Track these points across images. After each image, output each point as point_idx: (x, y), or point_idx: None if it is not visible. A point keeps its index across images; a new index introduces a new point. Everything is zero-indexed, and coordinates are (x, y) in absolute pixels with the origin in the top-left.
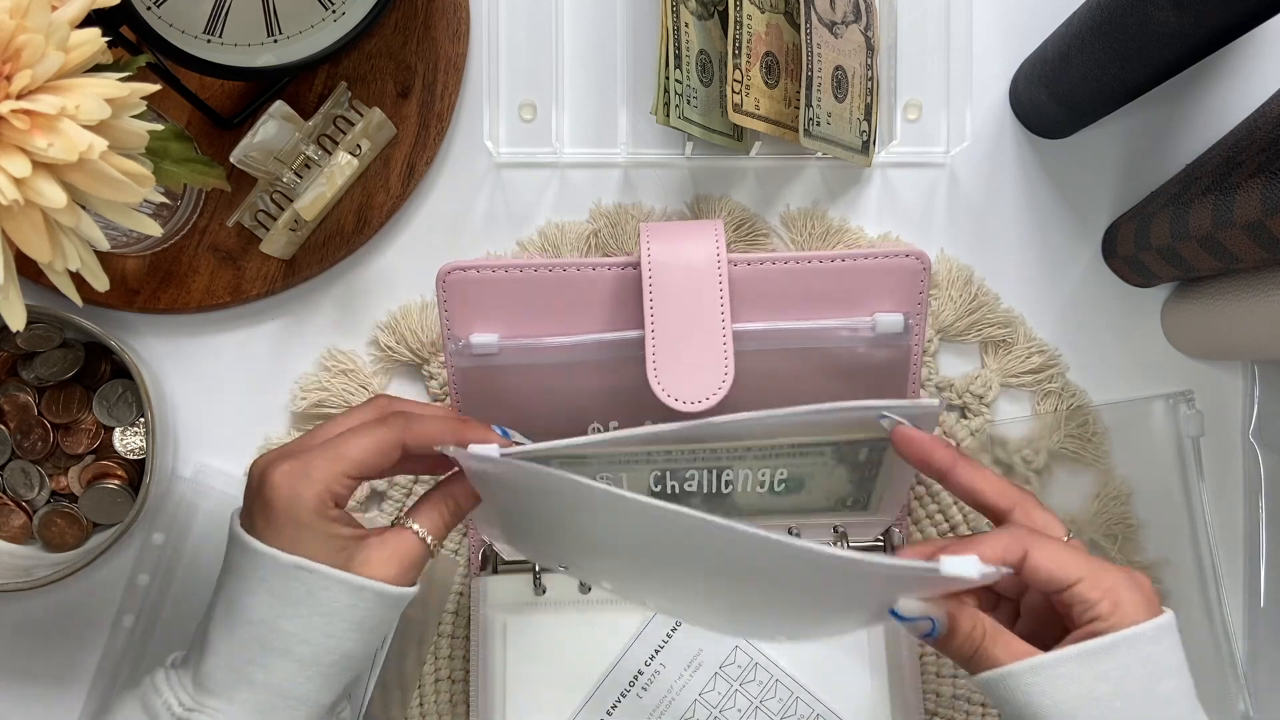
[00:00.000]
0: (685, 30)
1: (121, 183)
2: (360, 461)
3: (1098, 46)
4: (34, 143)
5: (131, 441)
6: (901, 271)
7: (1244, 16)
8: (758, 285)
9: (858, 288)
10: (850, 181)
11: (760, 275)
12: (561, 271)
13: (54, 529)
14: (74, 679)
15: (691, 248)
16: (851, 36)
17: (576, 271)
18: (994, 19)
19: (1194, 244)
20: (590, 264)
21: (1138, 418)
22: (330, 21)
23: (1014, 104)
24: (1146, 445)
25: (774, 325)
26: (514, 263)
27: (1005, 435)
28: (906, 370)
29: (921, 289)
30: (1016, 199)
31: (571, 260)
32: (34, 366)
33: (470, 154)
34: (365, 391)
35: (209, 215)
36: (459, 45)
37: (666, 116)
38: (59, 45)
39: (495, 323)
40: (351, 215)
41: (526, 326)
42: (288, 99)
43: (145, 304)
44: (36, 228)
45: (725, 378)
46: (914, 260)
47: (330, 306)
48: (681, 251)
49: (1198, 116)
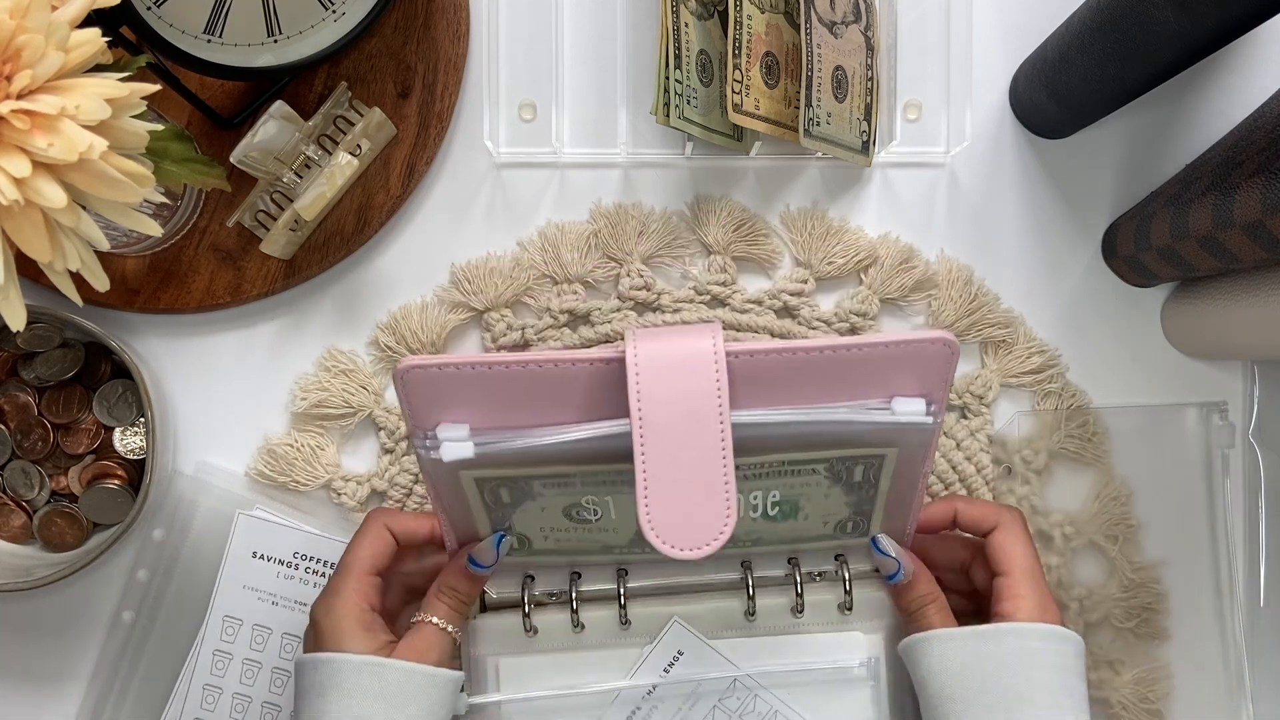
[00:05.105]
0: (685, 30)
1: (121, 183)
2: (365, 558)
3: (1098, 46)
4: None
5: (131, 441)
6: (926, 358)
7: (1244, 16)
8: (757, 373)
9: (874, 373)
10: (850, 181)
11: (761, 366)
12: (536, 367)
13: (54, 529)
14: (73, 679)
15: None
16: (851, 36)
17: (554, 367)
18: (994, 19)
19: (1194, 244)
20: (569, 359)
21: (1165, 423)
22: (330, 21)
23: (1014, 104)
24: (1170, 450)
25: (774, 416)
26: (480, 359)
27: (1005, 435)
28: (927, 448)
29: (947, 377)
30: (1016, 199)
31: (546, 355)
32: (34, 366)
33: (470, 154)
34: (365, 391)
35: (209, 215)
36: (459, 45)
37: (666, 116)
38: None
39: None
40: (351, 215)
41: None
42: (288, 99)
43: (145, 304)
44: (36, 228)
45: (727, 522)
46: (942, 347)
47: (330, 306)
48: (676, 382)
49: (1198, 116)
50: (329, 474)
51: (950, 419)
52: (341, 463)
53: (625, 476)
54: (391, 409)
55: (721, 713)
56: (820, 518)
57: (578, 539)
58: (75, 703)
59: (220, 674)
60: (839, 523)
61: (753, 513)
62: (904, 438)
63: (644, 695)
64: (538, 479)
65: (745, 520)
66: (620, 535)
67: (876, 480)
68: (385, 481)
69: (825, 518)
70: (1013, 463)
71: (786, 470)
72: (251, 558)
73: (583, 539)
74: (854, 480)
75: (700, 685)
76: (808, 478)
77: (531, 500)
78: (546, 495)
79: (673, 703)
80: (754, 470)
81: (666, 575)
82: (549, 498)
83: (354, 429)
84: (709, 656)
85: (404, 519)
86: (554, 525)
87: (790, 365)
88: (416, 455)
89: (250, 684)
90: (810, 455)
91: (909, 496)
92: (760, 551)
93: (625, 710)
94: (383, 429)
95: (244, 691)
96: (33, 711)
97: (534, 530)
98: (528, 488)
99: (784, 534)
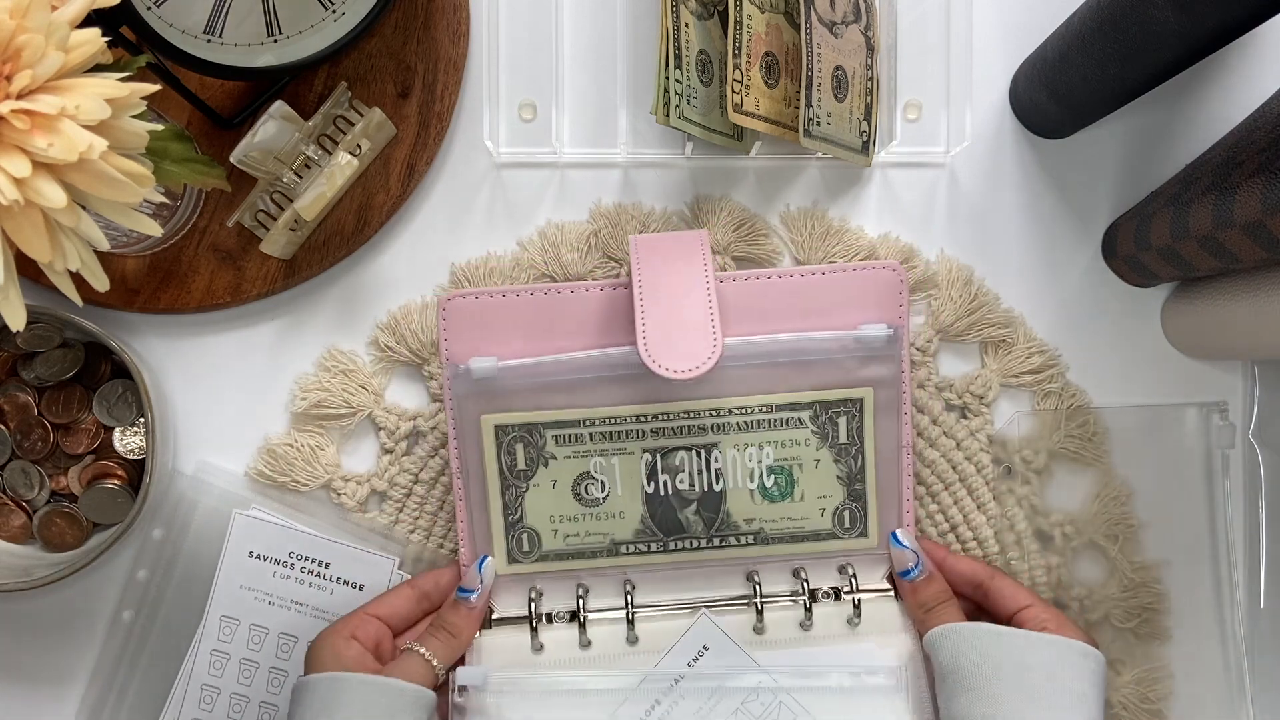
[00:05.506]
0: (685, 30)
1: (121, 183)
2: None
3: (1098, 46)
4: (34, 143)
5: (131, 441)
6: (880, 283)
7: (1244, 16)
8: (741, 300)
9: (842, 302)
10: (850, 181)
11: (743, 290)
12: (556, 295)
13: (54, 529)
14: (73, 679)
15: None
16: (851, 36)
17: (570, 294)
18: (994, 19)
19: (1194, 244)
20: (585, 285)
21: (1165, 423)
22: (330, 21)
23: (1014, 104)
24: (1169, 450)
25: (760, 337)
26: (509, 289)
27: (1005, 435)
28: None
29: (901, 299)
30: (1016, 199)
31: (566, 284)
32: (34, 366)
33: (470, 154)
34: (365, 391)
35: (209, 215)
36: (459, 45)
37: (666, 116)
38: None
39: (494, 348)
40: (351, 215)
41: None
42: (288, 99)
43: (145, 304)
44: (36, 228)
45: (714, 345)
46: (889, 272)
47: (330, 306)
48: (668, 250)
49: (1198, 116)
50: (329, 474)
51: (950, 419)
52: (341, 463)
53: (630, 425)
54: (391, 409)
55: (745, 716)
56: (816, 499)
57: (585, 532)
58: (75, 702)
59: (218, 674)
60: (836, 511)
61: (750, 482)
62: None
63: (668, 687)
64: (550, 429)
65: (743, 493)
66: (627, 523)
67: (861, 440)
68: (385, 482)
69: (821, 500)
70: (1013, 463)
71: (776, 422)
72: (248, 558)
73: (590, 532)
74: (840, 440)
75: (723, 683)
76: (796, 431)
77: (544, 467)
78: (558, 460)
79: (694, 700)
80: (746, 419)
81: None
82: (560, 464)
83: (354, 429)
84: (734, 654)
85: (381, 602)
86: (563, 512)
87: (766, 290)
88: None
89: (248, 684)
90: (795, 399)
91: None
92: (765, 557)
93: (647, 702)
94: (383, 429)
95: (242, 692)
96: (33, 711)
97: (544, 522)
98: (541, 443)
99: (784, 527)
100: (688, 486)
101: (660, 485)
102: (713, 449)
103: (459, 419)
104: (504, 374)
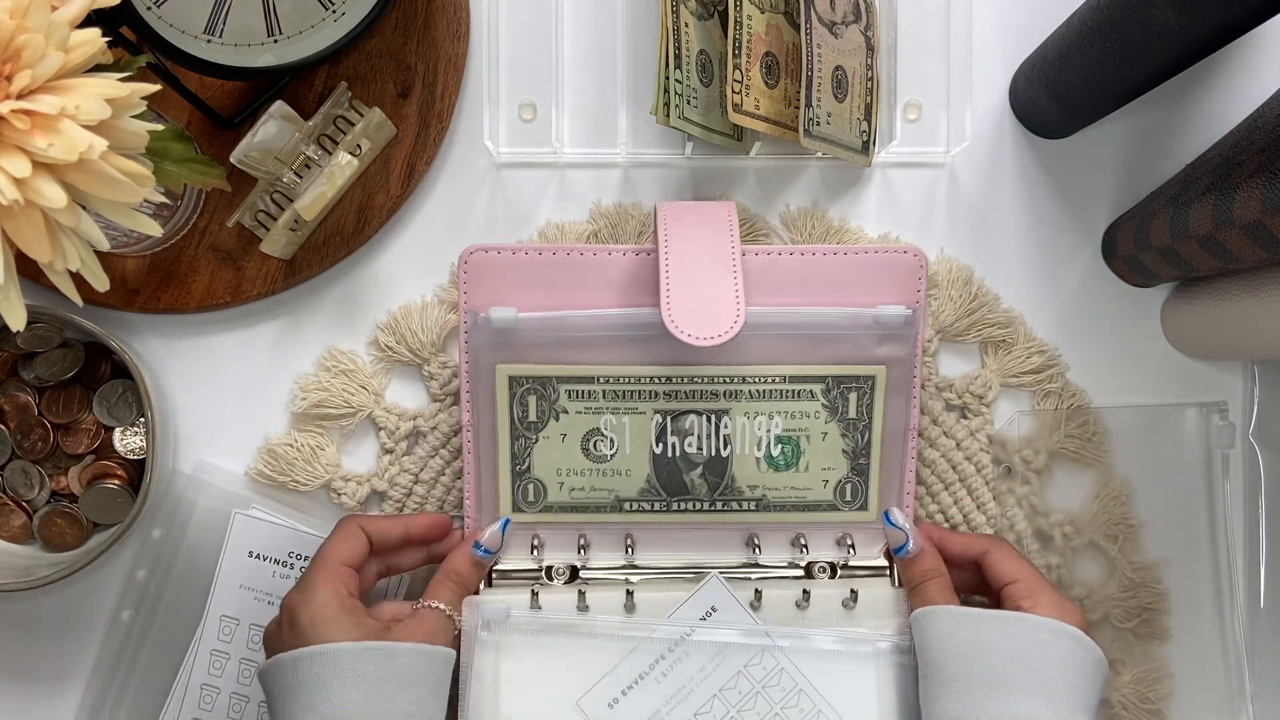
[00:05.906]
0: (685, 30)
1: (121, 183)
2: (341, 552)
3: (1098, 46)
4: (34, 143)
5: (131, 441)
6: (901, 267)
7: (1244, 16)
8: (766, 273)
9: (861, 282)
10: (850, 181)
11: (768, 264)
12: (579, 255)
13: (54, 529)
14: (73, 678)
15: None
16: (851, 36)
17: (593, 256)
18: (994, 19)
19: (1194, 244)
20: (606, 249)
21: (1165, 423)
22: (330, 21)
23: (1014, 104)
24: (1169, 450)
25: (781, 309)
26: (532, 246)
27: (1005, 435)
28: (911, 366)
29: (920, 284)
30: (1016, 199)
31: (589, 246)
32: (34, 366)
33: (470, 154)
34: (365, 391)
35: (209, 215)
36: (459, 45)
37: (666, 116)
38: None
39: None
40: (351, 215)
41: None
42: (288, 99)
43: (145, 304)
44: (36, 228)
45: (738, 314)
46: (910, 256)
47: (330, 306)
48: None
49: (1198, 116)
50: (329, 474)
51: (950, 419)
52: (341, 463)
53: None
54: (391, 409)
55: (746, 680)
56: (820, 471)
57: (591, 487)
58: (75, 702)
59: (218, 674)
60: (838, 484)
61: (757, 450)
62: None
63: (673, 644)
64: (564, 383)
65: (749, 459)
66: (632, 481)
67: (870, 416)
68: (385, 481)
69: (825, 472)
70: (1013, 463)
71: (788, 393)
72: (248, 557)
73: (596, 487)
74: (849, 415)
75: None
76: (807, 403)
77: (555, 421)
78: (570, 415)
79: (698, 658)
80: (758, 388)
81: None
82: (571, 418)
83: (354, 429)
84: (741, 618)
85: (378, 520)
86: (570, 466)
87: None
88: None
89: (247, 684)
90: (809, 371)
91: (899, 458)
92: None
93: (651, 656)
94: (383, 429)
95: (241, 691)
96: (32, 711)
97: (550, 474)
98: (554, 396)
99: (787, 494)
100: (695, 450)
101: (669, 447)
102: (723, 415)
103: (474, 368)
104: (523, 325)
